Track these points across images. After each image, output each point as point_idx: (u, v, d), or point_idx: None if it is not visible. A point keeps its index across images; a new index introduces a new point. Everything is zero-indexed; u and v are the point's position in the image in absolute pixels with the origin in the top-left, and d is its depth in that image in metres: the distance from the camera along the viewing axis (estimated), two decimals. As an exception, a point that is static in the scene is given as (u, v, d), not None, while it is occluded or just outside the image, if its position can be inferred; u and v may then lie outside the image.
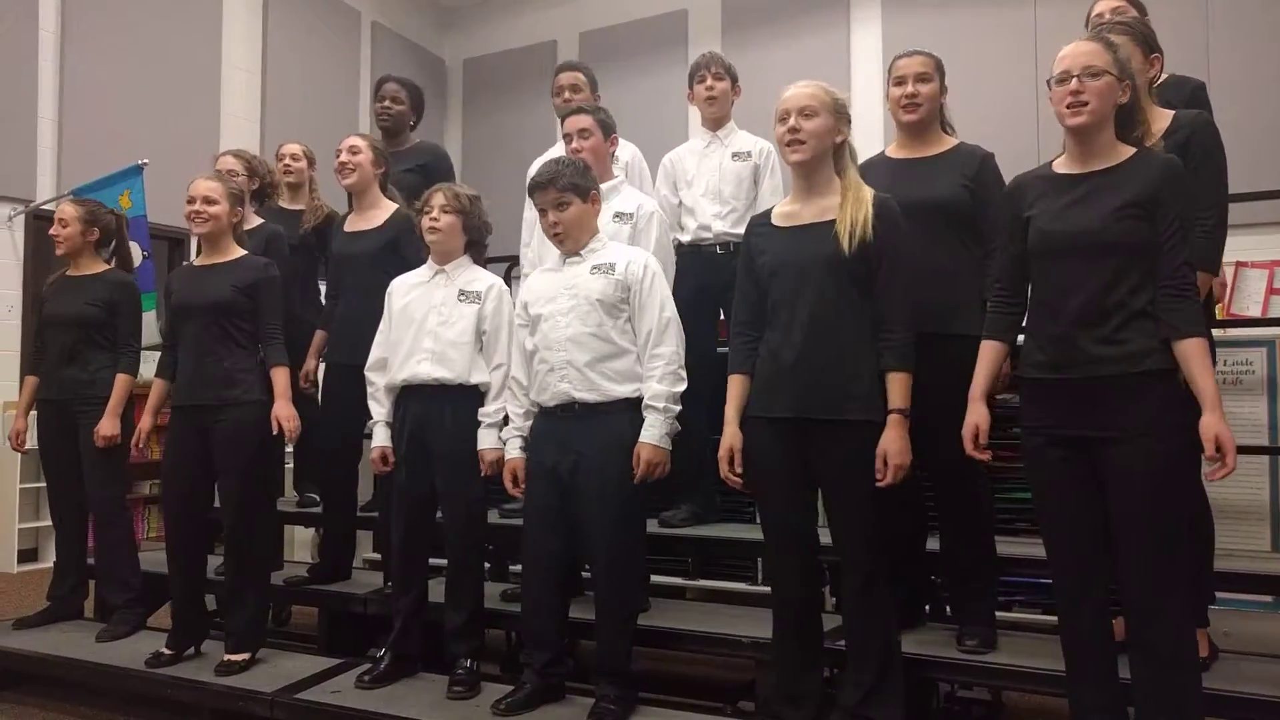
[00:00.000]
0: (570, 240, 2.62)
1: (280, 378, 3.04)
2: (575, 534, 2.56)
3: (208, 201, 3.06)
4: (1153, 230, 1.99)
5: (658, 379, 2.51)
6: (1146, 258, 2.00)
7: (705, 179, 3.39)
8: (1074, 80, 2.03)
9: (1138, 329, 1.98)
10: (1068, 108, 2.05)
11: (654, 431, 2.48)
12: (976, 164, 2.59)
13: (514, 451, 2.68)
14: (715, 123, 3.47)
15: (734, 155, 3.38)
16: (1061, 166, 2.14)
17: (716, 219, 3.32)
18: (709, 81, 3.42)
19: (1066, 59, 2.06)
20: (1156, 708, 1.98)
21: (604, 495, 2.49)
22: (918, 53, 2.64)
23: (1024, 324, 2.22)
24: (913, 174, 2.61)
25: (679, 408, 2.54)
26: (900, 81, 2.62)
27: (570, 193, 2.59)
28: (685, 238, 3.40)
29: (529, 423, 2.68)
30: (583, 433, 2.52)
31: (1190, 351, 1.94)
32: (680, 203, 3.45)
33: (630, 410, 2.52)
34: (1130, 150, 2.07)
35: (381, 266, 3.24)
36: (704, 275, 3.32)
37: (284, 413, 3.00)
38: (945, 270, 2.54)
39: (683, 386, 2.55)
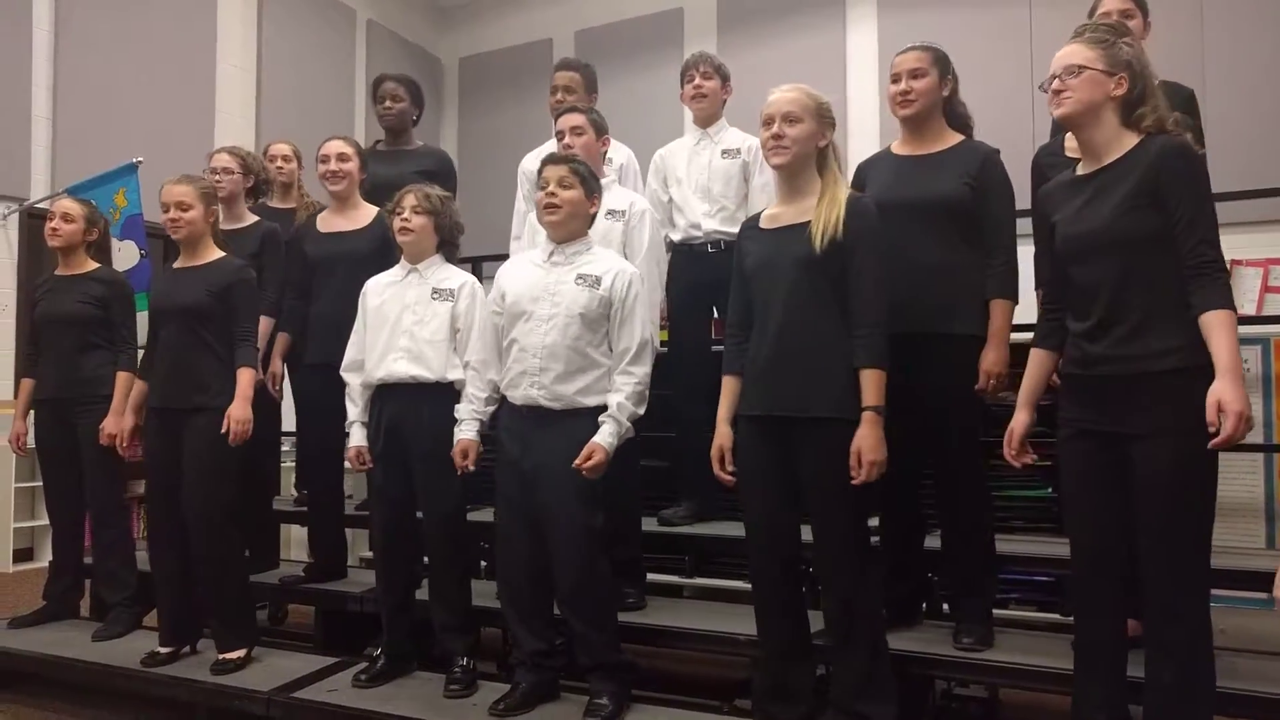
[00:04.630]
0: (559, 222, 2.61)
1: (243, 378, 3.02)
2: (542, 531, 2.57)
3: (181, 207, 3.04)
4: (1163, 217, 1.96)
5: (626, 395, 2.52)
6: (1161, 247, 1.96)
7: (695, 177, 3.39)
8: (1055, 80, 2.06)
9: (1160, 326, 1.96)
10: (1053, 104, 2.07)
11: (609, 440, 2.49)
12: (979, 161, 2.57)
13: (469, 432, 2.69)
14: (705, 121, 3.47)
15: (723, 153, 3.38)
16: (1080, 168, 2.14)
17: (706, 217, 3.33)
18: (697, 80, 3.43)
19: (1054, 62, 2.09)
20: (1170, 707, 1.97)
21: (563, 499, 2.49)
22: (913, 48, 2.63)
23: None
24: (915, 171, 2.61)
25: (632, 430, 2.56)
26: (896, 78, 2.62)
27: (578, 178, 2.61)
28: (676, 236, 3.40)
29: (490, 408, 2.70)
30: (543, 436, 2.53)
31: (1211, 322, 1.90)
32: (670, 199, 3.45)
33: (592, 416, 2.53)
34: (1135, 140, 2.04)
35: (367, 270, 3.23)
36: (695, 273, 3.32)
37: (236, 413, 2.95)
38: (946, 268, 2.53)
39: (643, 409, 2.57)
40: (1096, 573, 2.09)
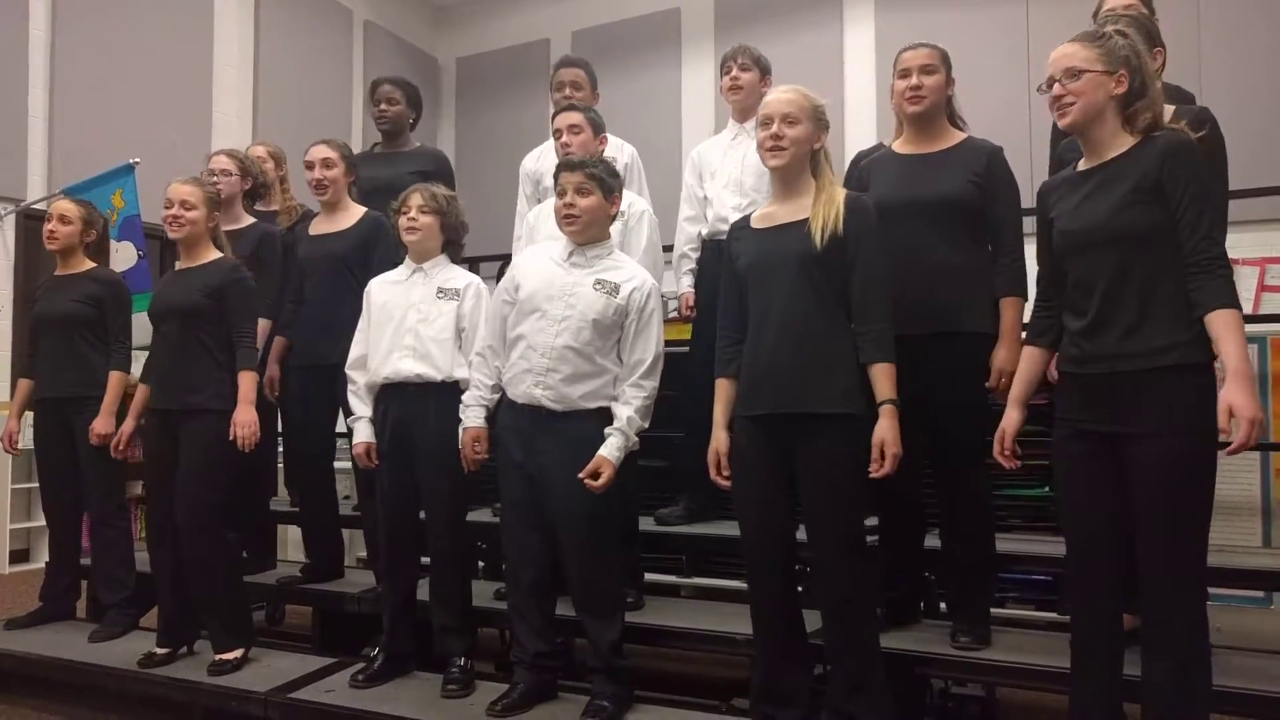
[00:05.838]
0: (579, 229, 2.59)
1: (245, 382, 2.99)
2: (549, 531, 2.57)
3: (185, 206, 3.03)
4: (1164, 213, 1.95)
5: (635, 409, 2.53)
6: (1162, 243, 1.95)
7: (728, 171, 3.35)
8: (1056, 84, 2.05)
9: (1159, 322, 1.95)
10: (1056, 111, 2.06)
11: (616, 454, 2.49)
12: (985, 159, 2.57)
13: (475, 420, 2.69)
14: (742, 114, 3.41)
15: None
16: (1081, 165, 2.13)
17: (735, 211, 3.29)
18: (734, 72, 3.38)
19: (1050, 64, 2.08)
20: (1166, 704, 1.97)
21: (572, 494, 2.49)
22: (923, 45, 2.63)
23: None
24: (920, 170, 2.61)
25: (637, 443, 2.56)
26: (905, 74, 2.61)
27: (596, 183, 2.58)
28: (705, 230, 3.37)
29: (495, 395, 2.69)
30: (547, 436, 2.53)
31: (1218, 323, 1.89)
32: (705, 195, 3.42)
33: (595, 418, 2.53)
34: (1135, 138, 2.03)
35: (349, 269, 3.23)
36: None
37: (241, 418, 2.94)
38: (954, 267, 2.54)
39: (648, 423, 2.58)
40: (1092, 571, 2.08)
